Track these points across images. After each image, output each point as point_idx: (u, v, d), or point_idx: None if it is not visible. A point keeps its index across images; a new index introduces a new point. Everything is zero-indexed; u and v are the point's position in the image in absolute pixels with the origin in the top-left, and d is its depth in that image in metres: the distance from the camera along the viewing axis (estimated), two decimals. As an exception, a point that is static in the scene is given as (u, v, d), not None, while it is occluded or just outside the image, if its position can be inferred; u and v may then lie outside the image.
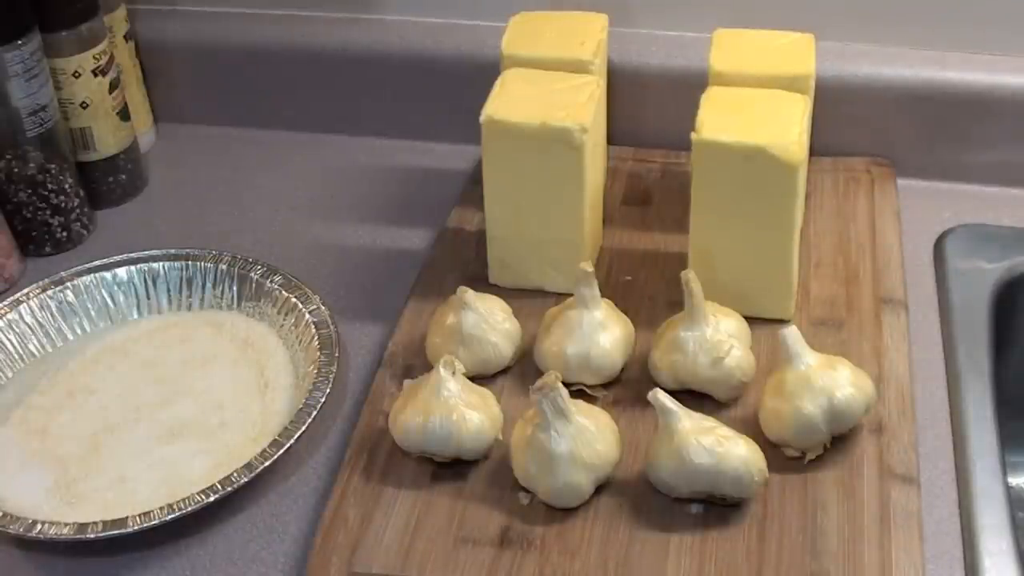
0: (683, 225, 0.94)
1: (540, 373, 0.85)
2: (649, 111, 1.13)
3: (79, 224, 1.11)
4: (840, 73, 1.09)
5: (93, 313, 1.01)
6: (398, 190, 1.15)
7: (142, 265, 1.02)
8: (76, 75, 1.08)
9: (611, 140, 1.09)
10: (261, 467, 0.84)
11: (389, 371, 0.93)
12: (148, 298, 1.02)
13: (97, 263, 1.02)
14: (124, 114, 1.13)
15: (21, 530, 0.82)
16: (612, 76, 1.07)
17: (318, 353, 0.93)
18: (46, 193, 1.07)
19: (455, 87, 1.15)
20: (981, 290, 0.99)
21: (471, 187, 1.09)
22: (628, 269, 1.01)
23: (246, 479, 0.84)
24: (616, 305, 0.93)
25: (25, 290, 1.00)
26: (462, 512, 0.83)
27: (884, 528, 0.80)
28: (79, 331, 1.00)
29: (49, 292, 1.00)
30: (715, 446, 0.80)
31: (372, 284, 1.04)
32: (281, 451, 0.85)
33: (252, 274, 1.01)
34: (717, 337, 0.88)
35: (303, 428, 0.87)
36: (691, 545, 0.80)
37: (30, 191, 1.07)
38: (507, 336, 0.92)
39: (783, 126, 0.89)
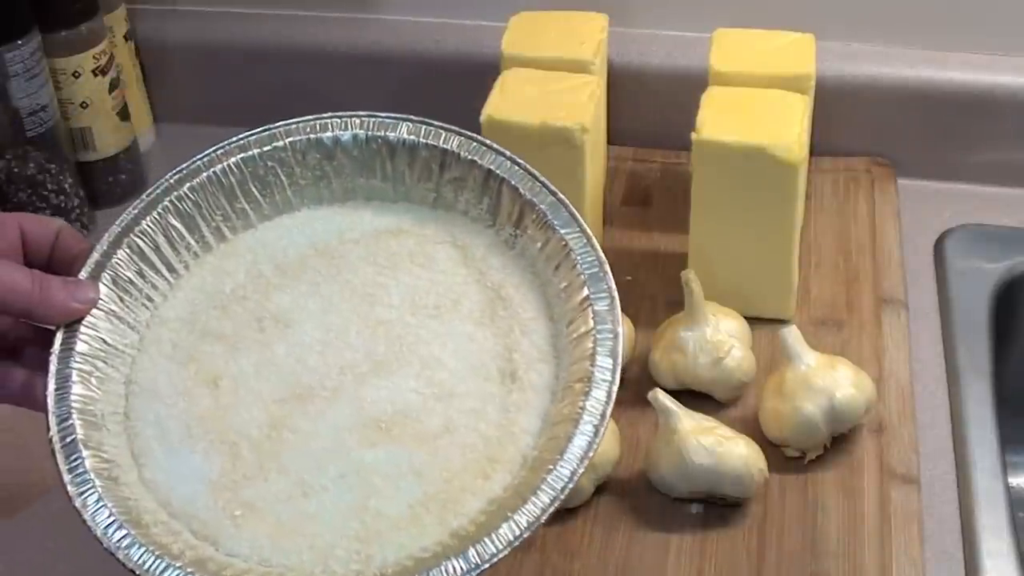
0: (683, 225, 0.94)
1: (540, 373, 0.85)
2: (649, 111, 1.13)
3: (79, 224, 1.10)
4: (840, 73, 1.08)
5: (303, 183, 0.72)
6: (398, 190, 1.15)
7: (371, 123, 0.71)
8: (76, 75, 1.08)
9: (611, 140, 1.09)
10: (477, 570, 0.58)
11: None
12: (375, 175, 0.72)
13: (306, 120, 0.73)
14: (124, 114, 1.13)
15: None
16: (612, 76, 1.07)
17: (590, 353, 0.63)
18: (46, 193, 1.07)
19: (455, 87, 1.15)
20: (981, 290, 0.99)
21: (471, 187, 1.09)
22: (628, 269, 1.01)
23: None
24: (616, 305, 0.93)
25: (203, 154, 0.75)
26: (462, 512, 0.83)
27: (884, 528, 0.80)
28: (277, 207, 0.73)
29: (235, 159, 0.74)
30: (715, 446, 0.80)
31: (372, 284, 1.04)
32: (504, 551, 0.59)
33: (515, 182, 0.68)
34: (717, 337, 0.87)
35: (551, 506, 0.59)
36: (691, 545, 0.80)
37: (30, 191, 1.07)
38: (507, 336, 0.92)
39: (783, 126, 0.89)
